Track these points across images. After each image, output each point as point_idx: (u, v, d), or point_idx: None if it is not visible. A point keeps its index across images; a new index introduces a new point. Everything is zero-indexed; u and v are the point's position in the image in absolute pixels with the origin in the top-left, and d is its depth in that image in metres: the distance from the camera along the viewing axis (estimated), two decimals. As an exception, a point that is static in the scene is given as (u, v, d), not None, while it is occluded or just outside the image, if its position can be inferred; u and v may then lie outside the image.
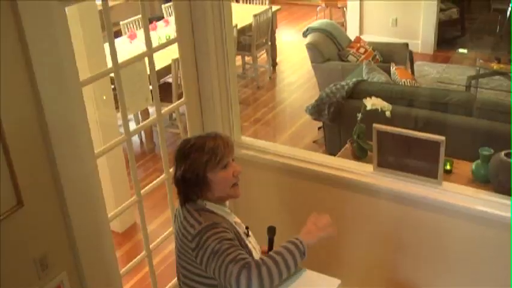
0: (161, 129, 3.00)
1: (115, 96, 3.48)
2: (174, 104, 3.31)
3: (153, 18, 7.51)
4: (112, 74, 2.62)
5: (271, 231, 2.49)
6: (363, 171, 3.13)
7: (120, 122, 3.43)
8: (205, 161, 2.22)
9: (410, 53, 6.89)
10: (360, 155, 4.14)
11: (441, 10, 8.68)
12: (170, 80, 5.81)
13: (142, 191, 2.91)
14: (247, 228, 2.43)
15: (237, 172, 2.30)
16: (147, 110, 5.63)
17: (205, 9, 2.96)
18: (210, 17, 2.99)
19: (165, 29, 6.75)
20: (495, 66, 6.44)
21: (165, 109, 3.13)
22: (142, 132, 6.04)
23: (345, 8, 9.35)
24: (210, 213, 2.25)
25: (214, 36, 3.06)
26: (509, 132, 4.50)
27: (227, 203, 2.43)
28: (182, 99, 3.15)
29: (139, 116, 5.81)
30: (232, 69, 3.21)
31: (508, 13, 9.41)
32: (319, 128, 5.99)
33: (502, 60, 6.55)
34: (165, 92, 5.63)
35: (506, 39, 8.93)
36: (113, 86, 4.22)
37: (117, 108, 3.83)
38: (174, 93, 5.69)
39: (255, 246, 2.39)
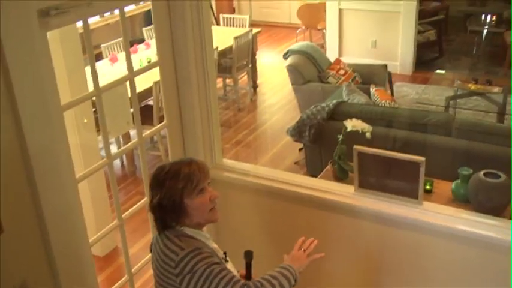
0: (142, 153, 3.00)
1: (96, 119, 3.48)
2: (156, 128, 3.32)
3: (134, 41, 7.53)
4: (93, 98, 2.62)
5: (248, 255, 2.48)
6: (344, 192, 3.15)
7: (101, 145, 3.42)
8: (181, 187, 2.19)
9: (390, 74, 6.96)
10: (341, 176, 4.16)
11: (419, 32, 8.81)
12: (151, 103, 5.81)
13: (123, 215, 2.90)
14: (225, 253, 2.41)
15: (214, 196, 2.28)
16: (128, 133, 5.62)
17: (186, 33, 2.98)
18: (191, 40, 3.01)
19: (146, 52, 6.76)
20: (472, 86, 6.53)
21: (147, 132, 3.13)
22: (124, 155, 6.03)
23: (324, 30, 9.44)
24: (190, 239, 2.22)
25: (195, 59, 3.08)
26: (488, 151, 4.56)
27: (205, 228, 2.41)
28: (163, 123, 3.16)
29: (121, 139, 5.80)
30: (213, 91, 3.22)
31: (484, 35, 9.57)
32: (300, 150, 6.01)
33: (479, 81, 6.64)
34: (146, 115, 5.63)
35: (483, 60, 9.08)
36: (94, 109, 4.21)
37: (98, 131, 3.82)
38: (155, 116, 5.69)
39: (233, 271, 2.39)
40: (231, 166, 3.42)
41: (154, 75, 3.10)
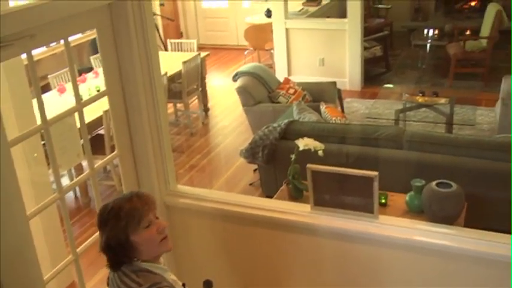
0: (95, 184, 2.95)
1: (46, 152, 3.41)
2: (107, 158, 3.27)
3: (82, 69, 7.45)
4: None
5: (208, 285, 2.45)
6: (300, 212, 3.15)
7: (53, 178, 3.35)
8: (124, 225, 2.14)
9: (339, 91, 7.05)
10: (296, 195, 4.18)
11: (365, 48, 8.96)
12: (103, 132, 5.74)
13: (78, 249, 2.84)
14: (183, 285, 2.38)
15: (162, 227, 2.23)
16: (80, 164, 5.53)
17: (133, 60, 2.96)
18: (139, 67, 2.99)
19: (95, 81, 6.69)
20: (420, 99, 6.66)
21: (98, 163, 3.09)
22: (77, 187, 5.92)
23: (272, 51, 9.52)
24: (147, 273, 2.18)
25: (144, 86, 3.05)
26: (439, 162, 4.64)
27: (161, 259, 2.36)
28: (115, 152, 3.12)
29: (73, 170, 5.70)
30: (163, 118, 3.20)
31: (428, 48, 9.79)
32: (254, 171, 6.01)
33: (426, 93, 6.78)
34: (97, 144, 5.55)
35: (428, 73, 9.28)
36: (43, 142, 4.13)
37: (49, 164, 3.75)
38: (107, 145, 5.62)
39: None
40: (186, 192, 3.40)
41: (104, 103, 3.06)
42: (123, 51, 2.94)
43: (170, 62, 7.33)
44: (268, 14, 9.94)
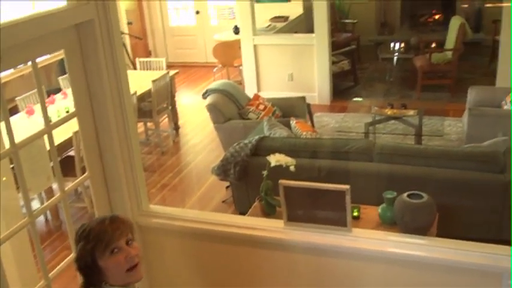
0: (66, 207, 2.92)
1: (16, 176, 3.36)
2: (78, 180, 3.23)
3: (51, 90, 7.37)
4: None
5: None
6: (274, 228, 3.15)
7: (23, 202, 3.30)
8: (90, 248, 2.11)
9: (309, 105, 7.09)
10: (269, 211, 4.18)
11: (333, 63, 9.05)
12: (73, 153, 5.68)
13: (50, 274, 2.79)
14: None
15: (131, 256, 2.16)
16: (51, 186, 5.45)
17: (102, 81, 2.94)
18: (108, 87, 2.97)
19: (64, 102, 6.63)
20: (389, 111, 6.73)
21: (69, 186, 3.05)
22: (48, 210, 5.84)
23: (241, 67, 9.55)
24: None
25: (113, 105, 3.03)
26: (409, 173, 4.69)
27: (136, 284, 2.30)
28: (86, 174, 3.08)
29: (43, 193, 5.62)
30: (134, 137, 3.18)
31: (395, 61, 9.92)
32: (227, 187, 6.00)
33: (395, 105, 6.85)
34: (68, 166, 5.50)
35: (396, 85, 9.40)
36: (12, 165, 4.07)
37: (18, 188, 3.69)
38: (77, 167, 5.55)
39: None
40: (159, 212, 3.37)
41: (74, 124, 3.03)
42: (91, 71, 2.92)
43: (139, 81, 7.30)
44: (236, 30, 9.98)
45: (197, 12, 11.83)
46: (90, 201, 5.34)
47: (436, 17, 11.93)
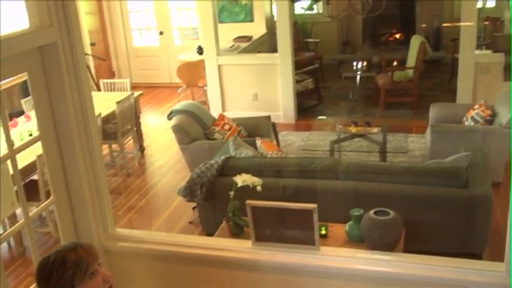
0: (30, 233, 2.86)
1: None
2: (43, 205, 3.18)
3: (13, 113, 7.25)
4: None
5: None
6: (242, 248, 3.14)
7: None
8: (70, 276, 2.13)
9: (274, 125, 7.11)
10: (237, 231, 4.16)
11: (297, 82, 9.11)
12: (36, 177, 5.58)
13: (15, 300, 2.73)
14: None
15: (107, 277, 2.23)
16: (14, 212, 5.35)
17: (66, 103, 2.91)
18: (72, 109, 2.94)
19: (27, 125, 6.53)
20: (353, 129, 6.79)
21: (34, 211, 3.00)
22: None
23: (205, 87, 9.55)
24: None
25: (78, 129, 3.00)
26: (375, 190, 4.73)
27: None
28: (50, 199, 3.03)
29: (6, 219, 5.50)
30: (99, 160, 3.15)
31: (358, 79, 10.05)
32: (193, 208, 5.97)
33: (359, 123, 6.92)
34: (32, 190, 5.40)
35: (360, 103, 9.52)
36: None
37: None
38: (41, 191, 5.46)
39: None
40: (125, 235, 3.33)
41: (38, 148, 2.99)
42: (55, 93, 2.89)
43: (103, 103, 7.24)
44: (200, 51, 9.99)
45: (161, 33, 11.82)
46: (55, 226, 5.25)
47: (397, 36, 12.15)
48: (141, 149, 8.03)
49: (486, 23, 10.45)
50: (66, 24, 2.83)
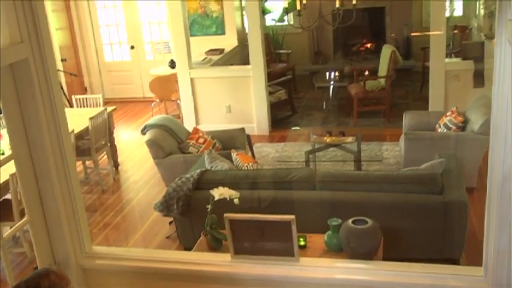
0: (5, 255, 2.81)
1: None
2: (17, 225, 3.13)
3: (-16, 133, 7.14)
4: None
5: None
6: (221, 262, 3.13)
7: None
8: None
9: (248, 137, 7.11)
10: (215, 245, 4.14)
11: (270, 93, 9.13)
12: (9, 196, 5.49)
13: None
14: None
15: None
16: (-14, 232, 5.25)
17: (39, 121, 2.87)
18: (45, 127, 2.91)
19: (-1, 143, 6.43)
20: (328, 139, 6.81)
21: (7, 232, 2.95)
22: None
23: (178, 101, 9.52)
24: None
25: (52, 147, 2.97)
26: (352, 199, 4.74)
27: None
28: (25, 218, 2.98)
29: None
30: (74, 178, 3.11)
31: (330, 89, 10.10)
32: (170, 223, 5.92)
33: (333, 133, 6.94)
34: (5, 210, 5.31)
35: (333, 113, 9.57)
36: None
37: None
38: (15, 211, 5.36)
39: None
40: (102, 252, 3.29)
41: (11, 166, 2.94)
42: (28, 111, 2.85)
43: (76, 119, 7.17)
44: (172, 64, 9.98)
45: (132, 47, 11.77)
46: (30, 245, 5.17)
47: (368, 45, 12.26)
48: (116, 164, 7.95)
49: (455, 31, 10.60)
50: (38, 40, 2.80)
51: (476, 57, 8.03)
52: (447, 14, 9.22)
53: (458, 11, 11.86)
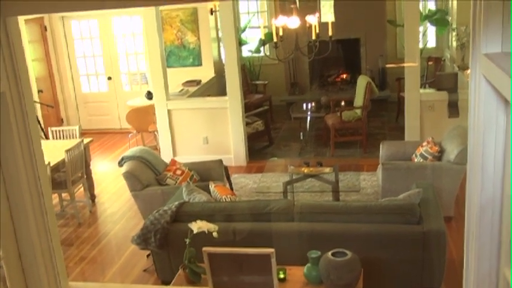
0: (-21, 290, 2.75)
1: None
2: (-10, 260, 3.07)
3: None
4: None
5: None
6: (201, 296, 3.09)
7: None
8: None
9: (226, 168, 7.09)
10: (194, 279, 4.09)
11: (247, 124, 9.15)
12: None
13: None
14: None
15: None
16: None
17: (15, 155, 2.83)
18: (21, 161, 2.86)
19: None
20: (306, 170, 6.83)
21: (-19, 266, 2.89)
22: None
23: (156, 132, 9.50)
24: None
25: (28, 181, 2.92)
26: (331, 230, 4.74)
27: None
28: (-1, 253, 2.93)
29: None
30: (50, 212, 3.06)
31: (308, 120, 10.15)
32: (147, 256, 5.86)
33: (311, 163, 6.96)
34: (-23, 245, 5.21)
35: (310, 144, 9.60)
36: None
37: None
38: (-13, 245, 5.28)
39: None
40: (79, 288, 3.24)
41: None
42: (4, 145, 2.81)
43: (52, 151, 7.11)
44: (149, 96, 9.97)
45: (109, 78, 11.76)
46: (3, 282, 5.06)
47: (344, 76, 12.38)
48: (92, 197, 7.88)
49: (429, 63, 10.76)
50: (14, 73, 2.77)
51: (450, 88, 8.16)
52: (421, 45, 9.37)
53: (432, 43, 12.06)
